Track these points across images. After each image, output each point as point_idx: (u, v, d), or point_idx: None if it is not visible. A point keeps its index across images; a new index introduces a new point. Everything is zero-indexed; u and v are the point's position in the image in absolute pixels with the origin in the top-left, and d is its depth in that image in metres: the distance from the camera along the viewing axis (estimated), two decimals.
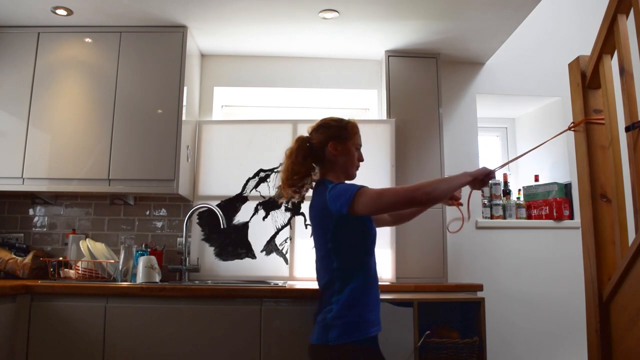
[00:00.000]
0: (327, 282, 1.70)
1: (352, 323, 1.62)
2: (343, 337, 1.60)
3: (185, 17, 2.64)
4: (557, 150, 3.26)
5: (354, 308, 1.64)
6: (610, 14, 1.69)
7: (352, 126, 1.84)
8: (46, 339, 2.09)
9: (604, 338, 1.66)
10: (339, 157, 1.79)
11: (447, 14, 2.59)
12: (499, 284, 2.98)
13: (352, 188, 1.62)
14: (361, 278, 1.67)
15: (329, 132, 1.81)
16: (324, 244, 1.71)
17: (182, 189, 2.66)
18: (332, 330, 1.62)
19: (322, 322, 1.66)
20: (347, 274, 1.67)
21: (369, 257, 1.74)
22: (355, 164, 1.83)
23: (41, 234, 2.90)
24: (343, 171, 1.81)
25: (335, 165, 1.80)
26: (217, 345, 2.10)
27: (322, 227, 1.72)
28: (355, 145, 1.82)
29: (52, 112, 2.64)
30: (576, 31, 3.17)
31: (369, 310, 1.67)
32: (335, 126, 1.82)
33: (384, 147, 2.88)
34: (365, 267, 1.71)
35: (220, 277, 2.79)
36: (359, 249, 1.71)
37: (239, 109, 3.41)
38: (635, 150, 1.54)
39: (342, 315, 1.62)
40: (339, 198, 1.62)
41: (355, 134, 1.83)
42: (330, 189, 1.67)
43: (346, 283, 1.65)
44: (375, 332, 1.68)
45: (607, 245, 1.72)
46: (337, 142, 1.78)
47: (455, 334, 2.25)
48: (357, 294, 1.65)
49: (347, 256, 1.69)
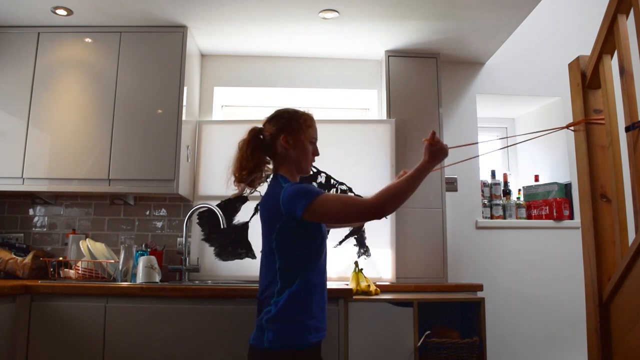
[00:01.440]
0: (269, 283, 1.60)
1: (289, 328, 1.54)
2: (278, 341, 1.52)
3: (185, 17, 2.64)
4: (557, 150, 3.26)
5: (292, 313, 1.54)
6: (610, 14, 1.69)
7: (306, 118, 1.73)
8: (46, 339, 2.09)
9: (604, 338, 1.66)
10: (291, 151, 1.68)
11: (447, 14, 2.59)
12: (499, 284, 2.98)
13: (311, 192, 1.53)
14: (305, 281, 1.57)
15: (280, 123, 1.70)
16: (269, 242, 1.62)
17: (182, 189, 2.66)
18: (268, 332, 1.54)
19: (259, 322, 1.58)
20: (289, 276, 1.57)
21: (317, 259, 1.63)
22: (309, 158, 1.72)
23: (41, 234, 2.90)
24: (296, 166, 1.70)
25: (287, 159, 1.69)
26: (217, 345, 2.09)
27: (269, 224, 1.63)
28: (309, 139, 1.71)
29: (52, 112, 2.64)
30: (576, 31, 3.17)
31: (309, 316, 1.57)
32: (287, 117, 1.72)
33: (384, 147, 2.88)
34: (310, 270, 1.60)
35: (220, 277, 2.79)
36: (305, 251, 1.61)
37: (239, 109, 3.41)
38: (635, 150, 1.54)
39: (278, 319, 1.54)
40: (295, 200, 1.53)
41: (310, 126, 1.72)
42: (286, 189, 1.57)
43: (287, 285, 1.56)
44: (315, 339, 1.58)
45: (607, 245, 1.72)
46: (288, 135, 1.68)
47: (455, 334, 2.25)
48: (298, 298, 1.55)
49: (291, 257, 1.59)
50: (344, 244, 2.83)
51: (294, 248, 1.60)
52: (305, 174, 1.75)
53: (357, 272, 2.46)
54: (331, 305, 2.14)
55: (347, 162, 2.88)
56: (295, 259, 1.60)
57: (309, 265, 1.60)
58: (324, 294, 1.67)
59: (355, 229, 2.82)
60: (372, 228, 2.82)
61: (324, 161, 2.88)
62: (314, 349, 1.60)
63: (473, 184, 3.11)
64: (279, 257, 1.59)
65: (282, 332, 1.54)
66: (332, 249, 2.83)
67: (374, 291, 2.36)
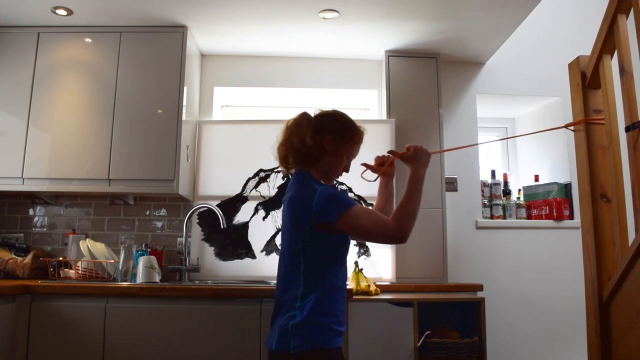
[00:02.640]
0: (290, 285, 1.55)
1: (317, 332, 1.50)
2: (305, 345, 1.48)
3: (185, 17, 2.64)
4: (557, 150, 3.26)
5: (319, 317, 1.50)
6: (610, 14, 1.69)
7: (360, 134, 1.67)
8: (46, 339, 2.09)
9: (604, 338, 1.66)
10: (328, 155, 1.62)
11: (447, 14, 2.59)
12: (499, 284, 2.98)
13: (347, 201, 1.51)
14: (329, 285, 1.54)
15: (334, 125, 1.63)
16: (294, 242, 1.55)
17: (182, 189, 2.66)
18: (294, 338, 1.48)
19: (282, 327, 1.52)
20: (315, 280, 1.53)
21: (341, 264, 1.61)
22: (339, 172, 1.67)
23: (41, 234, 2.90)
24: (324, 171, 1.64)
25: (320, 161, 1.62)
26: (217, 345, 2.09)
27: (296, 224, 1.55)
28: (349, 153, 1.66)
29: (52, 112, 2.64)
30: (576, 31, 3.17)
31: (335, 320, 1.53)
32: (343, 123, 1.65)
33: (384, 147, 2.88)
34: (335, 274, 1.57)
35: (220, 277, 2.79)
36: (331, 255, 1.58)
37: (239, 109, 3.41)
38: (635, 150, 1.54)
39: (306, 323, 1.49)
40: (330, 205, 1.49)
41: (358, 143, 1.67)
42: (320, 191, 1.52)
43: (312, 289, 1.51)
44: (340, 343, 1.55)
45: (607, 245, 1.72)
46: (334, 140, 1.61)
47: (455, 334, 2.25)
48: (323, 302, 1.51)
49: (317, 261, 1.54)
50: None
51: (321, 252, 1.56)
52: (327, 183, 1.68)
53: (357, 272, 2.46)
54: None
55: None
56: (322, 263, 1.56)
57: (333, 270, 1.57)
58: (345, 298, 1.64)
59: None
60: None
61: None
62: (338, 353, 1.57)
63: (473, 184, 3.11)
64: (304, 259, 1.54)
65: (309, 337, 1.49)
66: None
67: (374, 291, 2.36)
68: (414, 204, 1.55)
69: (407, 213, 1.53)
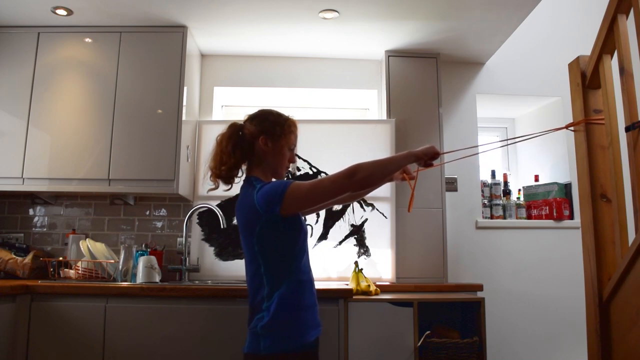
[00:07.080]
0: (257, 288, 1.57)
1: (285, 331, 1.52)
2: (276, 346, 1.50)
3: (185, 17, 2.64)
4: (557, 150, 3.26)
5: (284, 315, 1.52)
6: (610, 14, 1.68)
7: (290, 124, 1.71)
8: (46, 339, 2.09)
9: (604, 338, 1.66)
10: (269, 154, 1.66)
11: (447, 14, 2.59)
12: (499, 284, 2.98)
13: (282, 185, 1.52)
14: (292, 281, 1.56)
15: (262, 125, 1.67)
16: (251, 247, 1.58)
17: (182, 189, 2.66)
18: (265, 339, 1.50)
19: (252, 330, 1.54)
20: (276, 278, 1.55)
21: (301, 257, 1.62)
22: (285, 165, 1.71)
23: (41, 234, 2.90)
24: (271, 170, 1.69)
25: (262, 161, 1.67)
26: (217, 345, 2.09)
27: (248, 228, 1.58)
28: (288, 145, 1.69)
29: (52, 112, 2.64)
30: (576, 31, 3.17)
31: (302, 316, 1.56)
32: (271, 121, 1.69)
33: (384, 147, 2.88)
34: (295, 269, 1.58)
35: (220, 277, 2.79)
36: (288, 251, 1.58)
37: (239, 109, 3.41)
38: (635, 150, 1.54)
39: (274, 323, 1.51)
40: (270, 197, 1.51)
41: (292, 133, 1.70)
42: (259, 189, 1.55)
43: (275, 288, 1.54)
44: (312, 337, 1.57)
45: (607, 245, 1.72)
46: (268, 138, 1.65)
47: (455, 334, 2.25)
48: (288, 298, 1.53)
49: (274, 259, 1.56)
50: (344, 244, 2.84)
51: (276, 249, 1.57)
52: (279, 179, 1.71)
53: (357, 272, 2.46)
54: (331, 305, 2.15)
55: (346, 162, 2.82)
56: (279, 260, 1.57)
57: (293, 265, 1.59)
58: (313, 291, 1.65)
59: (355, 229, 2.82)
60: (372, 228, 2.83)
61: (324, 161, 2.88)
62: (311, 349, 1.59)
63: (473, 184, 3.11)
64: (262, 260, 1.56)
65: (278, 337, 1.51)
66: (332, 249, 2.83)
67: (374, 291, 2.36)
68: (384, 162, 1.61)
69: (371, 163, 1.56)
